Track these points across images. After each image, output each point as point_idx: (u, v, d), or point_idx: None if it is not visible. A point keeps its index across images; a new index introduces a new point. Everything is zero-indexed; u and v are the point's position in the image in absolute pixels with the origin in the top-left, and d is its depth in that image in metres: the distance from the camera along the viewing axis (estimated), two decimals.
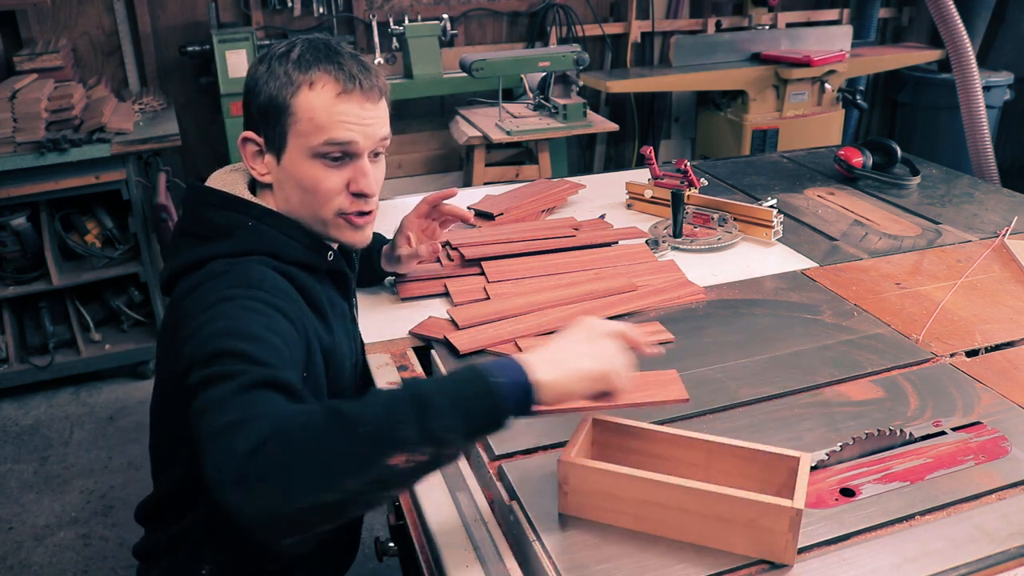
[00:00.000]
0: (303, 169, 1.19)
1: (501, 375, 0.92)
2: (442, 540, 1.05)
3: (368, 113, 1.18)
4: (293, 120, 1.16)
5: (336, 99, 1.16)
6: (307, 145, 1.17)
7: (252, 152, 1.23)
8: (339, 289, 1.32)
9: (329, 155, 1.18)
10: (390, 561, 1.50)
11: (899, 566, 0.97)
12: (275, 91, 1.17)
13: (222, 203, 1.21)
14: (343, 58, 1.18)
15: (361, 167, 1.20)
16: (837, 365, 1.39)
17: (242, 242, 1.17)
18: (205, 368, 0.96)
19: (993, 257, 1.81)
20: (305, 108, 1.16)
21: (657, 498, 0.99)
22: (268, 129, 1.19)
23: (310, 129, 1.16)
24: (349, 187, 1.21)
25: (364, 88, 1.17)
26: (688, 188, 1.92)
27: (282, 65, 1.17)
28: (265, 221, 1.20)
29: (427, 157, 4.28)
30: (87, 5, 3.56)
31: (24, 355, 3.25)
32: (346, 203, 1.22)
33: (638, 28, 4.33)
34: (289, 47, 1.19)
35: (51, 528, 2.60)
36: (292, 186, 1.21)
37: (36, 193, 2.98)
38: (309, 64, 1.16)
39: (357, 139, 1.17)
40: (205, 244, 1.18)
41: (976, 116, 2.98)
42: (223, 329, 1.01)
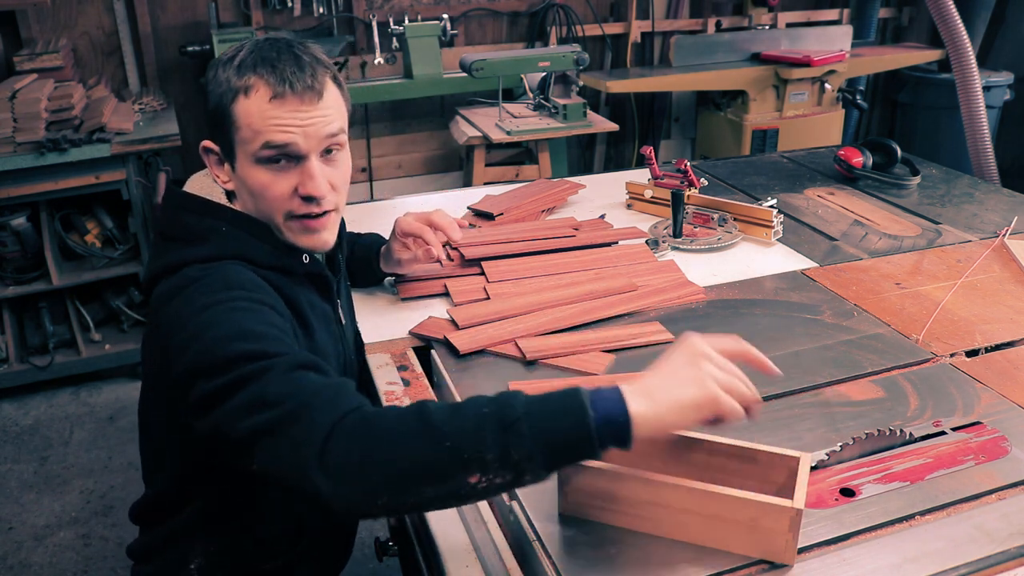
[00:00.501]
0: (251, 176, 1.17)
1: (599, 407, 0.89)
2: (442, 540, 1.05)
3: (305, 115, 1.14)
4: (235, 128, 1.15)
5: (269, 104, 1.13)
6: (250, 151, 1.15)
7: (214, 161, 1.23)
8: (320, 292, 1.30)
9: (271, 159, 1.15)
10: (390, 561, 1.50)
11: (899, 566, 0.97)
12: (218, 99, 1.15)
13: (197, 208, 1.21)
14: (280, 59, 1.14)
15: (307, 170, 1.16)
16: (837, 365, 1.39)
17: (216, 247, 1.17)
18: (223, 375, 0.97)
19: (993, 257, 1.81)
20: (244, 115, 1.14)
21: (657, 498, 0.99)
22: (219, 137, 1.19)
23: (249, 136, 1.14)
24: (298, 191, 1.18)
25: (297, 90, 1.13)
26: (688, 188, 1.92)
27: (225, 71, 1.15)
28: (238, 226, 1.19)
29: (427, 157, 4.28)
30: (87, 5, 3.56)
31: (24, 355, 3.25)
32: (296, 206, 1.18)
33: (638, 28, 4.33)
34: (236, 51, 1.17)
35: (51, 528, 2.60)
36: (246, 193, 1.20)
37: (36, 193, 2.98)
38: (246, 69, 1.14)
39: (296, 140, 1.14)
40: (181, 248, 1.18)
41: (976, 116, 2.98)
42: (225, 334, 1.01)
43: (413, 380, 1.40)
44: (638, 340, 1.47)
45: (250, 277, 1.13)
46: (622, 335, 1.48)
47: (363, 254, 1.65)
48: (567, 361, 1.41)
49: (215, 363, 0.98)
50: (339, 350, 1.35)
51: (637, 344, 1.46)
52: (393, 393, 1.36)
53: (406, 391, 1.37)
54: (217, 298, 1.06)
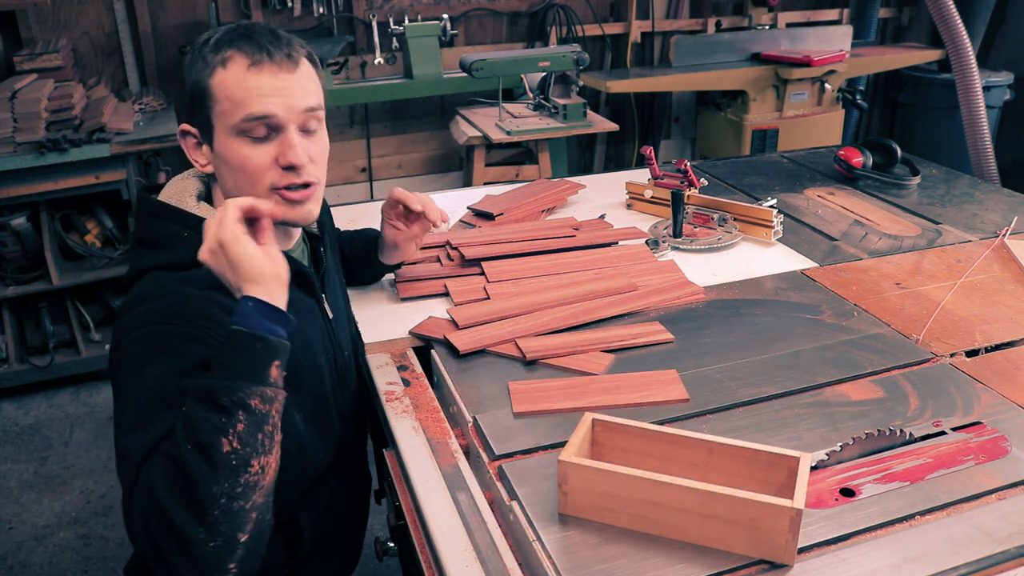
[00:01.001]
0: (231, 149, 1.17)
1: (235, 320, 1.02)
2: (442, 540, 1.05)
3: (283, 83, 1.15)
4: (213, 102, 1.16)
5: (247, 72, 1.14)
6: (229, 124, 1.16)
7: (192, 144, 1.23)
8: (302, 287, 1.30)
9: (251, 132, 1.16)
10: (390, 561, 1.50)
11: (899, 566, 0.97)
12: (196, 76, 1.17)
13: (161, 213, 1.22)
14: (256, 34, 1.17)
15: (286, 139, 1.17)
16: (837, 365, 1.39)
17: (179, 253, 1.17)
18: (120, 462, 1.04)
19: (993, 257, 1.81)
20: (221, 87, 1.15)
21: (657, 498, 0.99)
22: (197, 117, 1.19)
23: (228, 108, 1.15)
24: (278, 161, 1.18)
25: (275, 59, 1.15)
26: (688, 188, 1.92)
27: (201, 51, 1.17)
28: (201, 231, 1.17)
29: (427, 157, 4.28)
30: (87, 5, 3.56)
31: (24, 355, 3.25)
32: (277, 177, 1.19)
33: (638, 28, 4.33)
34: (212, 33, 1.19)
35: (51, 528, 2.60)
36: (226, 169, 1.20)
37: (36, 193, 2.99)
38: (223, 44, 1.16)
39: (276, 111, 1.15)
40: (148, 253, 1.20)
41: (976, 116, 2.98)
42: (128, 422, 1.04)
43: (413, 380, 1.40)
44: (638, 340, 1.47)
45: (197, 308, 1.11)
46: (622, 335, 1.48)
47: (361, 248, 1.65)
48: (567, 361, 1.41)
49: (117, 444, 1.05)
50: (328, 345, 1.35)
51: (637, 344, 1.46)
52: (393, 393, 1.36)
53: (406, 391, 1.37)
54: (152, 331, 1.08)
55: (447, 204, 2.16)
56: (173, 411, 1.02)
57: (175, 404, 1.02)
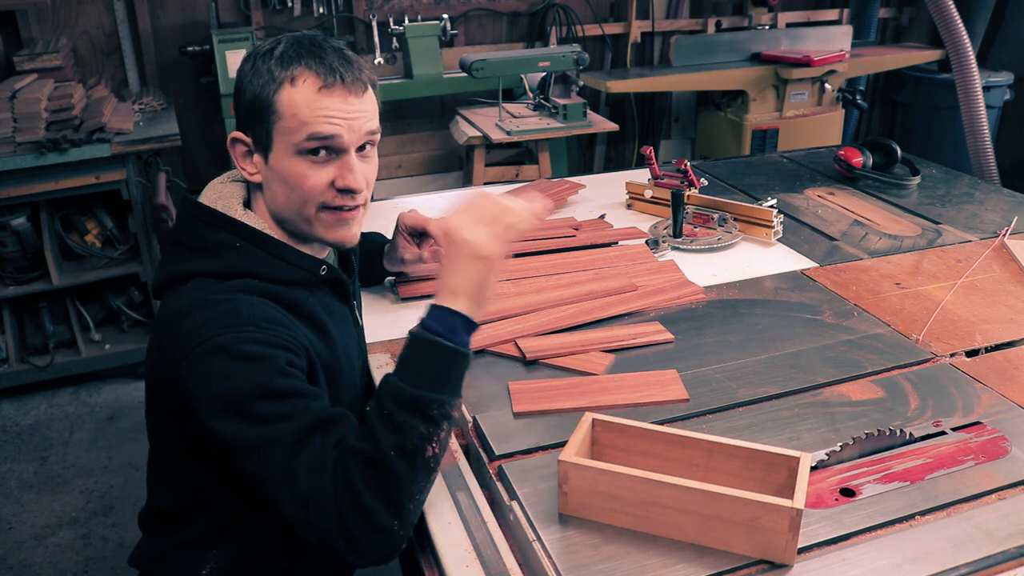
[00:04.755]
0: (288, 167, 1.17)
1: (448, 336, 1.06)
2: (442, 540, 1.05)
3: (352, 107, 1.16)
4: (277, 118, 1.15)
5: (318, 94, 1.14)
6: (291, 142, 1.15)
7: (241, 152, 1.22)
8: (338, 295, 1.31)
9: (314, 151, 1.16)
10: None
11: (899, 566, 0.97)
12: (259, 89, 1.15)
13: (212, 220, 1.21)
14: (325, 52, 1.16)
15: (347, 163, 1.18)
16: (837, 365, 1.39)
17: (228, 262, 1.17)
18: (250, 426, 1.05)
19: (993, 257, 1.81)
20: (288, 105, 1.14)
21: (657, 498, 0.99)
22: (255, 128, 1.18)
23: (294, 126, 1.14)
24: (335, 183, 1.18)
25: (347, 82, 1.15)
26: (688, 188, 1.92)
27: (265, 63, 1.15)
28: (252, 242, 1.19)
29: (427, 157, 4.28)
30: (87, 5, 3.56)
31: (24, 355, 3.25)
32: (331, 198, 1.19)
33: (638, 28, 4.33)
34: (274, 44, 1.17)
35: (51, 528, 2.60)
36: (278, 184, 1.19)
37: (36, 193, 2.98)
38: (291, 60, 1.14)
39: (341, 133, 1.15)
40: (192, 258, 1.19)
41: (976, 116, 2.98)
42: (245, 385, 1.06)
43: None
44: (638, 340, 1.47)
45: (262, 313, 1.12)
46: (622, 335, 1.48)
47: (365, 254, 1.65)
48: (567, 361, 1.41)
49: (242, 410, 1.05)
50: (359, 351, 1.36)
51: (637, 344, 1.46)
52: None
53: None
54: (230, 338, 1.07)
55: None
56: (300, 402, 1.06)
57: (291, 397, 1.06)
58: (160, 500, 1.32)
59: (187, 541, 1.27)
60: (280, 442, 1.04)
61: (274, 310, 1.14)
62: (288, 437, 1.04)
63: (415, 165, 4.28)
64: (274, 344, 1.09)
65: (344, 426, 1.08)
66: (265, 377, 1.06)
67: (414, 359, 1.06)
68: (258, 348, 1.07)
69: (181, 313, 1.13)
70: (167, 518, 1.31)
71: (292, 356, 1.11)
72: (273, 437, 1.04)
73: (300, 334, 1.16)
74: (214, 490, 1.23)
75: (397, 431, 1.01)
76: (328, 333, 1.24)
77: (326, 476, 1.02)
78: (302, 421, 1.05)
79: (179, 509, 1.28)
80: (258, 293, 1.15)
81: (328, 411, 1.08)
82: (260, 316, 1.11)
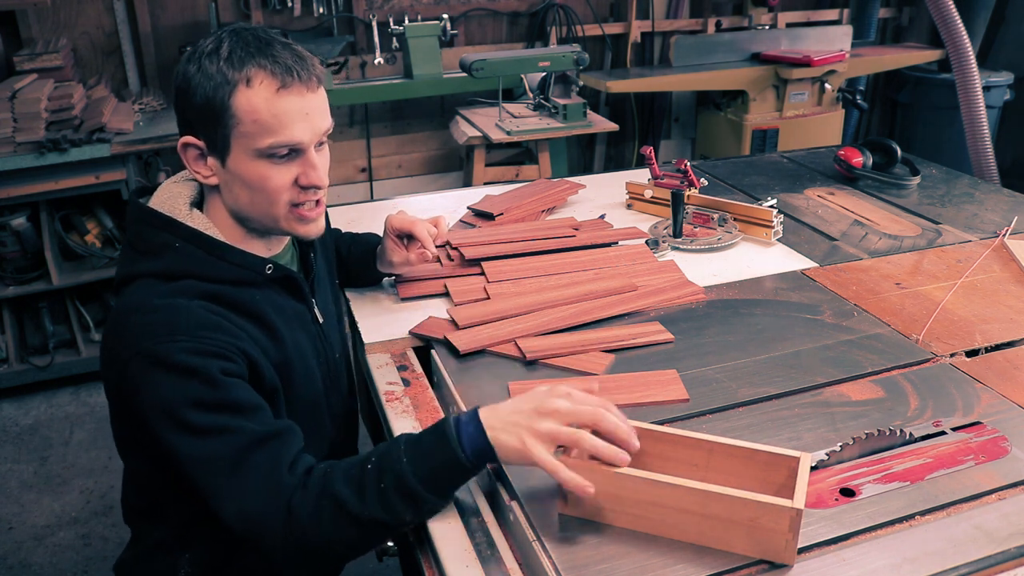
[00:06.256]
0: (249, 169, 1.16)
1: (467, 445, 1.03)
2: (442, 540, 1.05)
3: (309, 104, 1.14)
4: (235, 122, 1.12)
5: (276, 96, 1.11)
6: (252, 146, 1.14)
7: (194, 156, 1.19)
8: (291, 293, 1.30)
9: (276, 154, 1.15)
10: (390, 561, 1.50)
11: (899, 566, 0.97)
12: (211, 92, 1.11)
13: (153, 221, 1.20)
14: (276, 49, 1.13)
15: (309, 160, 1.17)
16: (837, 365, 1.39)
17: (169, 263, 1.17)
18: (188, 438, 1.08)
19: (993, 257, 1.81)
20: (246, 109, 1.11)
21: (657, 498, 0.99)
22: (208, 132, 1.15)
23: (254, 131, 1.12)
24: (299, 181, 1.18)
25: (303, 79, 1.13)
26: (688, 188, 1.92)
27: (213, 63, 1.11)
28: (193, 243, 1.19)
29: (427, 157, 4.28)
30: (87, 5, 3.56)
31: (24, 355, 3.25)
32: (295, 195, 1.19)
33: (638, 28, 4.33)
34: (217, 42, 1.13)
35: (51, 528, 2.60)
36: (239, 186, 1.18)
37: (36, 193, 2.98)
38: (242, 60, 1.11)
39: (303, 138, 1.15)
40: (139, 259, 1.19)
41: (976, 116, 2.98)
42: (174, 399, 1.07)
43: (413, 380, 1.40)
44: (638, 340, 1.47)
45: (199, 319, 1.12)
46: (622, 335, 1.48)
47: (362, 254, 1.65)
48: (567, 361, 1.41)
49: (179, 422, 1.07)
50: (319, 348, 1.35)
51: (637, 344, 1.46)
52: (393, 393, 1.36)
53: (406, 391, 1.37)
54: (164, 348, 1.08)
55: (447, 204, 2.17)
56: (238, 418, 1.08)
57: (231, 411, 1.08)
58: (130, 498, 1.34)
59: (160, 542, 1.29)
60: (220, 457, 1.06)
61: (213, 313, 1.14)
62: (227, 453, 1.06)
63: (415, 165, 4.28)
64: (209, 353, 1.09)
65: (288, 441, 1.10)
66: (198, 389, 1.07)
67: (434, 458, 1.04)
68: (192, 359, 1.08)
69: (121, 317, 1.14)
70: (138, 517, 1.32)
71: (228, 364, 1.11)
72: (212, 452, 1.06)
73: (242, 337, 1.15)
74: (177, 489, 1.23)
75: (386, 508, 1.03)
76: (277, 332, 1.23)
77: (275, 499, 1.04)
78: (241, 438, 1.07)
79: (147, 508, 1.30)
80: (200, 294, 1.15)
81: (269, 425, 1.09)
82: (196, 323, 1.11)
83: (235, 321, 1.16)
